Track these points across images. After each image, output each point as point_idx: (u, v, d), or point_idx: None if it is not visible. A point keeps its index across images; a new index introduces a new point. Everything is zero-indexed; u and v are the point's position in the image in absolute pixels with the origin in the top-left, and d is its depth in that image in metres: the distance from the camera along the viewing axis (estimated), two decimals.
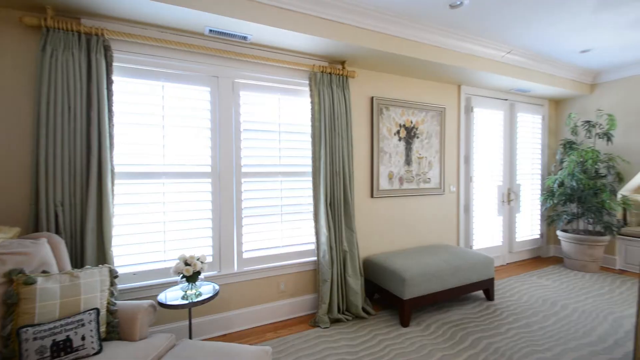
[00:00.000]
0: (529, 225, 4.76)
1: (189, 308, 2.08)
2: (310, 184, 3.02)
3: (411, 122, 3.60)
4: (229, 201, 2.69)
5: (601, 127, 4.24)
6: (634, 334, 1.79)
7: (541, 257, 4.92)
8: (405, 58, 3.00)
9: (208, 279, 2.60)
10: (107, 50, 2.16)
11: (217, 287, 2.26)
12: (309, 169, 3.02)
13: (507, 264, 4.56)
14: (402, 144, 3.55)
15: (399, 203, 3.57)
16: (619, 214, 4.26)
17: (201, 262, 2.18)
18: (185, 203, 2.55)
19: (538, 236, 4.87)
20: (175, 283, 2.46)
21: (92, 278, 1.70)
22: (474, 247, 4.16)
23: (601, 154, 4.35)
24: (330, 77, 2.92)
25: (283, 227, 2.93)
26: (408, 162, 3.61)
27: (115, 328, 1.72)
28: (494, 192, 4.35)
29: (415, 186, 3.67)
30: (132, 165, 2.38)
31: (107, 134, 2.14)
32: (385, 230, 3.49)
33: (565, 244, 4.31)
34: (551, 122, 4.95)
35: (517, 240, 4.58)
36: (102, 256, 2.14)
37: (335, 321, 2.84)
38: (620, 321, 2.81)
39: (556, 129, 4.99)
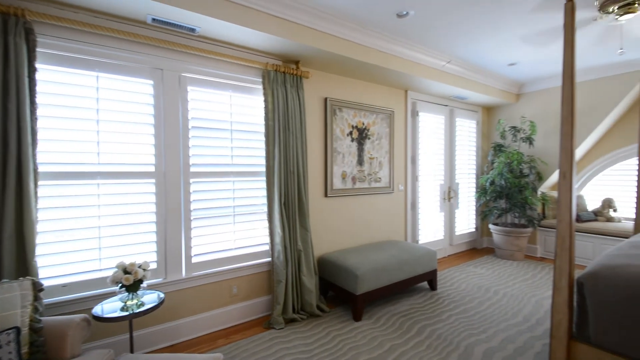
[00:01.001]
0: (466, 220, 5.22)
1: (130, 320, 1.91)
2: (264, 184, 2.97)
3: (363, 124, 3.73)
4: (175, 203, 2.53)
5: (524, 132, 4.80)
6: (551, 313, 2.06)
7: (476, 248, 5.43)
8: (355, 61, 3.09)
9: (152, 287, 2.42)
10: (29, 33, 1.90)
11: (162, 295, 2.11)
12: (263, 169, 2.96)
13: (448, 255, 4.95)
14: (354, 144, 3.66)
15: (352, 202, 3.68)
16: (539, 209, 4.88)
17: (143, 269, 2.03)
18: (125, 206, 2.34)
19: (474, 229, 5.37)
20: (113, 294, 2.24)
21: (10, 293, 1.49)
22: (420, 242, 4.44)
23: (524, 156, 4.92)
24: (284, 77, 2.90)
25: (236, 229, 2.84)
26: (360, 162, 3.73)
27: (40, 348, 1.52)
28: (436, 190, 4.69)
29: (367, 185, 3.81)
30: (60, 165, 2.12)
31: (29, 129, 1.88)
32: (339, 229, 3.56)
33: (495, 236, 4.81)
34: (484, 126, 5.48)
35: (456, 234, 4.99)
36: (24, 267, 1.88)
37: (290, 321, 2.83)
38: (541, 302, 3.21)
39: (488, 133, 5.54)
